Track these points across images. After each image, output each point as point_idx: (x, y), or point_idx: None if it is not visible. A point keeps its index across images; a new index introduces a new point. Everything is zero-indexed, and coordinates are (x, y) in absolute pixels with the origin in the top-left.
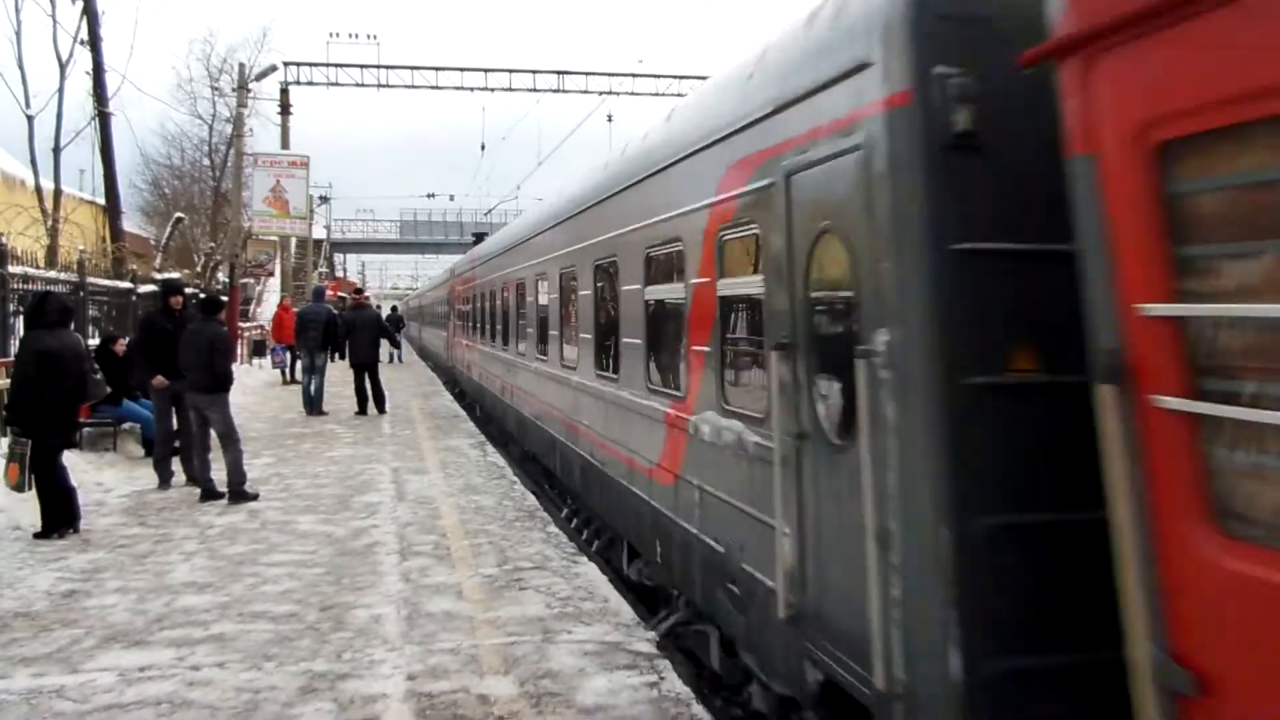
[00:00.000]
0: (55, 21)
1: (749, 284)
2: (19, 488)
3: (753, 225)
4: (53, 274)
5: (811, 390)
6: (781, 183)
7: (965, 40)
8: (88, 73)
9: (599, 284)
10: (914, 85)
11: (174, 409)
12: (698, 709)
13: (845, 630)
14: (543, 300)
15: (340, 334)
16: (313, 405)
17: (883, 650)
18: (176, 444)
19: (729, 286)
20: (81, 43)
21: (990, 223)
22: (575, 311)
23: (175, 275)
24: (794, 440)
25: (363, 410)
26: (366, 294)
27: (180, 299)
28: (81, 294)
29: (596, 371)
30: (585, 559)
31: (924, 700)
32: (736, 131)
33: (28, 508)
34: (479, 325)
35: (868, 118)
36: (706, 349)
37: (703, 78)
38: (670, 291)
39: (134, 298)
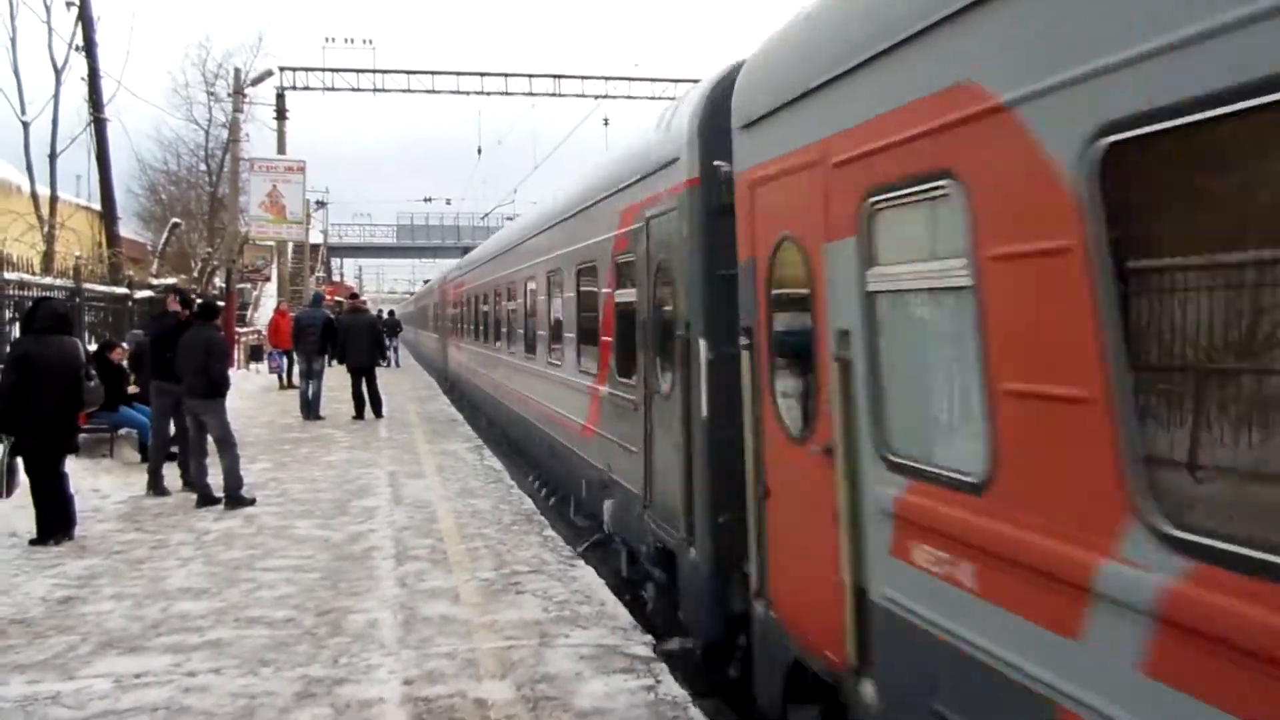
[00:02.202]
0: (50, 28)
1: (630, 294)
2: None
3: (632, 254)
4: (49, 280)
5: (656, 364)
6: (644, 226)
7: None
8: (83, 78)
9: (549, 292)
10: (701, 174)
11: (174, 414)
12: (694, 712)
13: (667, 509)
14: (510, 305)
15: (337, 339)
16: (310, 410)
17: (684, 514)
18: (174, 449)
19: (620, 296)
20: (77, 48)
21: (731, 258)
22: (535, 314)
23: (172, 281)
24: (645, 395)
25: (360, 415)
26: (363, 298)
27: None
28: (78, 300)
29: (548, 360)
30: (582, 563)
31: (698, 540)
32: (627, 187)
33: (23, 514)
34: (461, 326)
35: (680, 191)
36: (609, 340)
37: (697, 80)
38: (591, 298)
39: (130, 303)
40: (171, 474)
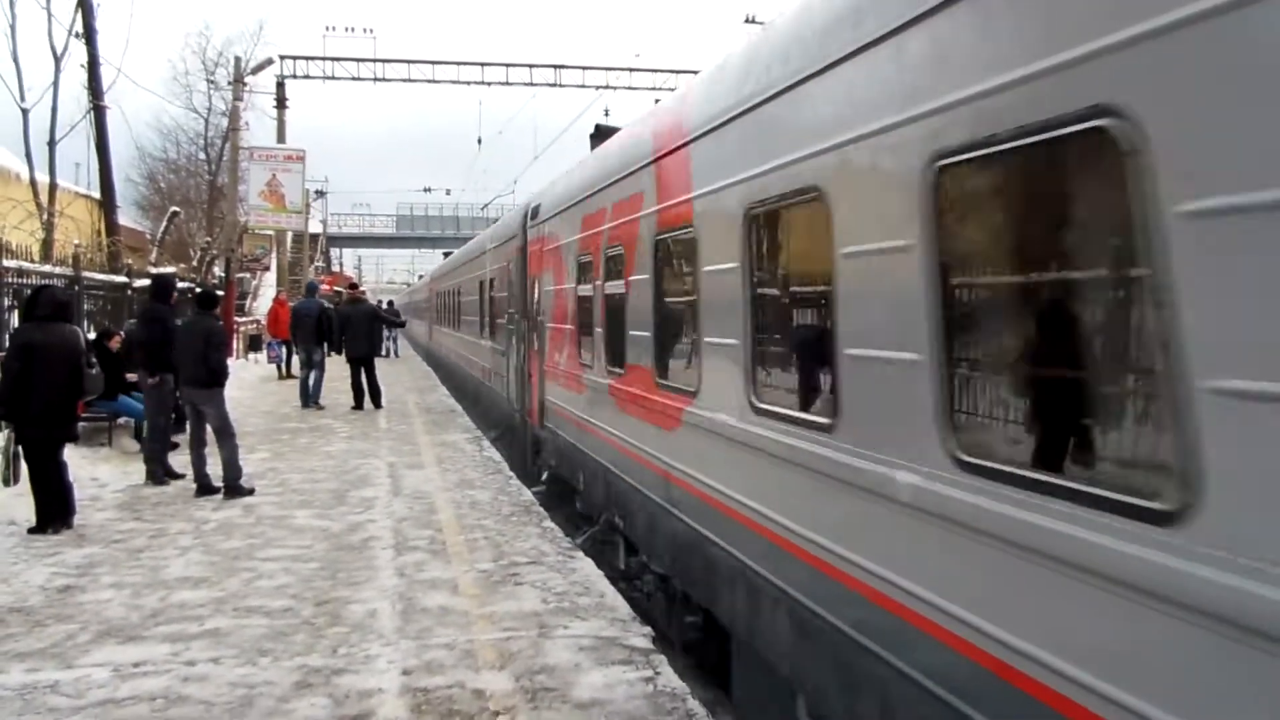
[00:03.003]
0: (50, 15)
1: (503, 294)
2: (4, 481)
3: (505, 276)
4: (48, 268)
5: (507, 332)
6: (507, 264)
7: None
8: (83, 66)
9: (476, 294)
10: (523, 242)
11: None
12: (693, 703)
13: (520, 406)
14: (454, 300)
15: (335, 329)
16: (310, 399)
17: (518, 402)
18: (174, 440)
19: (498, 294)
20: (76, 36)
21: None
22: (463, 307)
23: (170, 270)
24: (504, 351)
25: (359, 405)
26: (362, 288)
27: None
28: (77, 288)
29: (468, 332)
30: (581, 554)
31: (522, 415)
32: (506, 242)
33: (22, 502)
34: (432, 314)
35: (516, 249)
36: (488, 319)
37: (696, 71)
38: (485, 299)
39: (129, 292)
40: (180, 460)
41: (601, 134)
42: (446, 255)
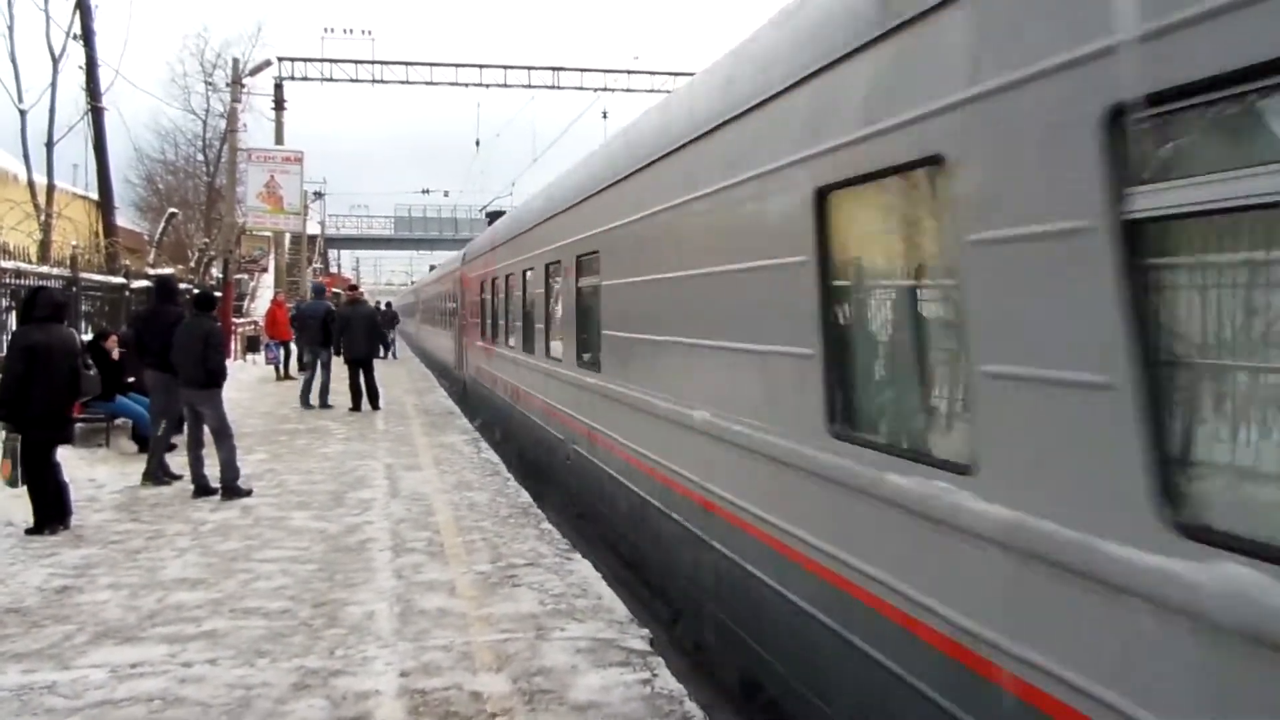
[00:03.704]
0: (48, 16)
1: (453, 306)
2: (11, 483)
3: (455, 291)
4: (45, 269)
5: (455, 326)
6: (456, 285)
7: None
8: (81, 68)
9: (444, 303)
10: (462, 273)
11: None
12: (690, 706)
13: (458, 367)
14: (436, 303)
15: (335, 330)
16: (316, 399)
17: (458, 369)
18: (173, 441)
19: (450, 306)
20: (74, 37)
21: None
22: (436, 313)
23: (169, 271)
24: (459, 343)
25: (356, 407)
26: (361, 289)
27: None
28: (74, 289)
29: (439, 328)
30: (579, 556)
31: (465, 381)
32: (458, 268)
33: (20, 504)
34: (433, 314)
35: (458, 276)
36: (460, 320)
37: (693, 74)
38: (450, 309)
39: (127, 293)
40: (177, 461)
41: (492, 217)
42: (432, 269)
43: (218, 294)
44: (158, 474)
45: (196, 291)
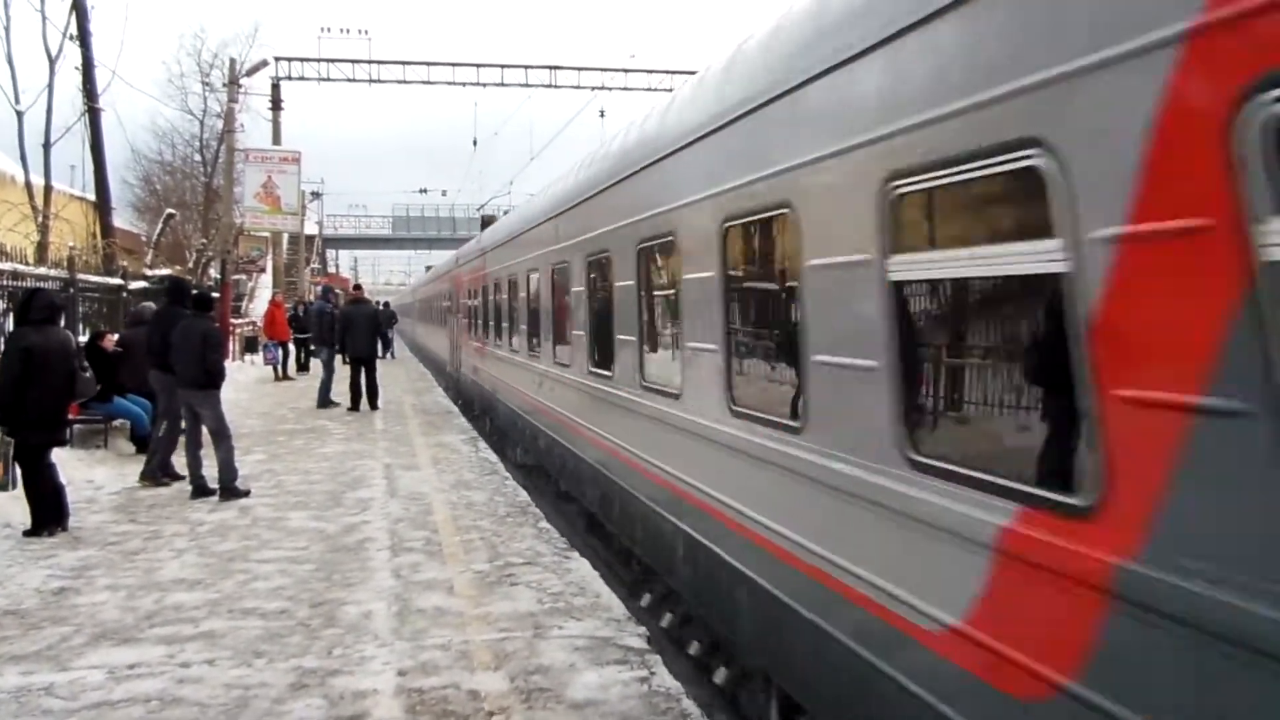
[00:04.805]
0: (44, 17)
1: (447, 304)
2: (2, 485)
3: (451, 291)
4: (42, 271)
5: (457, 330)
6: (452, 283)
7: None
8: (77, 68)
9: (447, 302)
10: (453, 274)
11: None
12: (688, 703)
13: (451, 365)
14: (433, 303)
15: (337, 329)
16: (325, 399)
17: (450, 366)
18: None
19: (444, 304)
20: (71, 38)
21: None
22: (432, 313)
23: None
24: (454, 345)
25: (355, 406)
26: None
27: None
28: (72, 291)
29: (440, 327)
30: (577, 554)
31: (459, 374)
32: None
33: (17, 505)
34: (415, 314)
35: (452, 283)
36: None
37: (692, 72)
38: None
39: (125, 294)
40: (176, 462)
41: (486, 222)
42: (428, 270)
43: (216, 295)
44: (157, 474)
45: (194, 292)
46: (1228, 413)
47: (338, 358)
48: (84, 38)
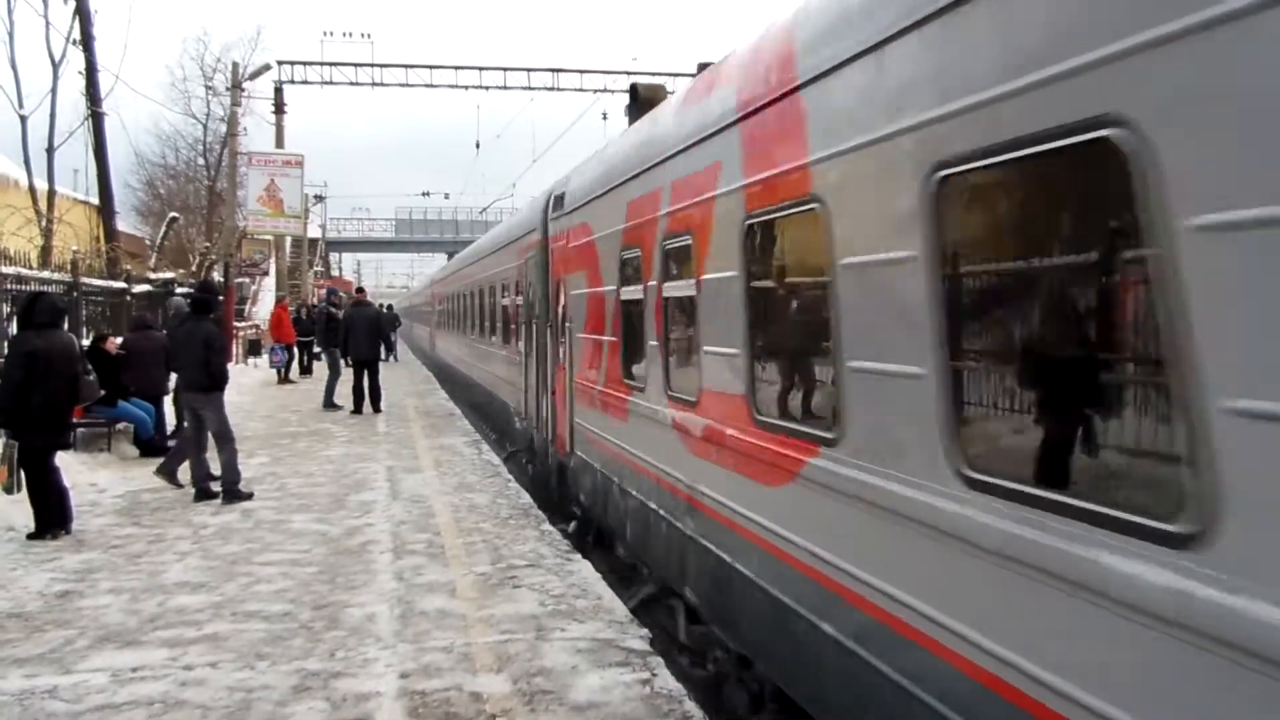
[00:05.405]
0: (48, 22)
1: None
2: (8, 489)
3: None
4: (46, 274)
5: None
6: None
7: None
8: (81, 73)
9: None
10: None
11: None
12: (690, 705)
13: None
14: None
15: (340, 331)
16: (331, 402)
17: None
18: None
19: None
20: (74, 43)
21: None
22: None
23: (169, 275)
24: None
25: (358, 409)
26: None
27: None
28: (75, 294)
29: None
30: (579, 557)
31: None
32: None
33: (21, 509)
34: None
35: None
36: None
37: (693, 75)
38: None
39: (128, 298)
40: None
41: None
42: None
43: (219, 298)
44: (174, 474)
45: (193, 294)
46: None
47: (342, 360)
48: (87, 42)
